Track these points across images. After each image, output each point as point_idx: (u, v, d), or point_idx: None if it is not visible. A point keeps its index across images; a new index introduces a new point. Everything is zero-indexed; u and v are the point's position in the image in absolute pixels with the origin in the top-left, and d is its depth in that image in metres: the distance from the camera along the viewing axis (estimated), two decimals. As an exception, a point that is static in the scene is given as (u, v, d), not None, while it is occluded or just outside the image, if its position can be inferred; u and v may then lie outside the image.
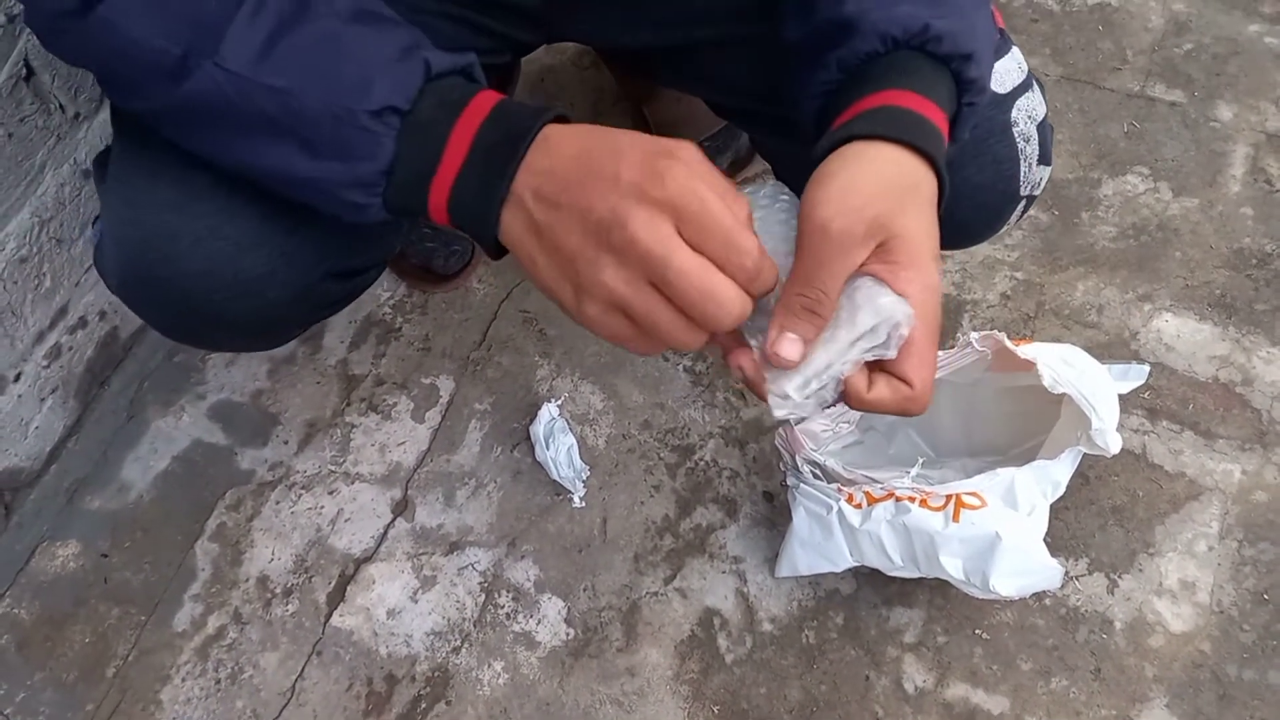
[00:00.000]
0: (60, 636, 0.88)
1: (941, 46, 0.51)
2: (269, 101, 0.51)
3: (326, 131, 0.50)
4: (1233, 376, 0.95)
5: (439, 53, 0.51)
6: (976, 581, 0.75)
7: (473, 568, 0.89)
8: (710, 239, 0.44)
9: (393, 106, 0.49)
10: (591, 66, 1.20)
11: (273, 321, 0.67)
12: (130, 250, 0.61)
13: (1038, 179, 0.68)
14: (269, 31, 0.50)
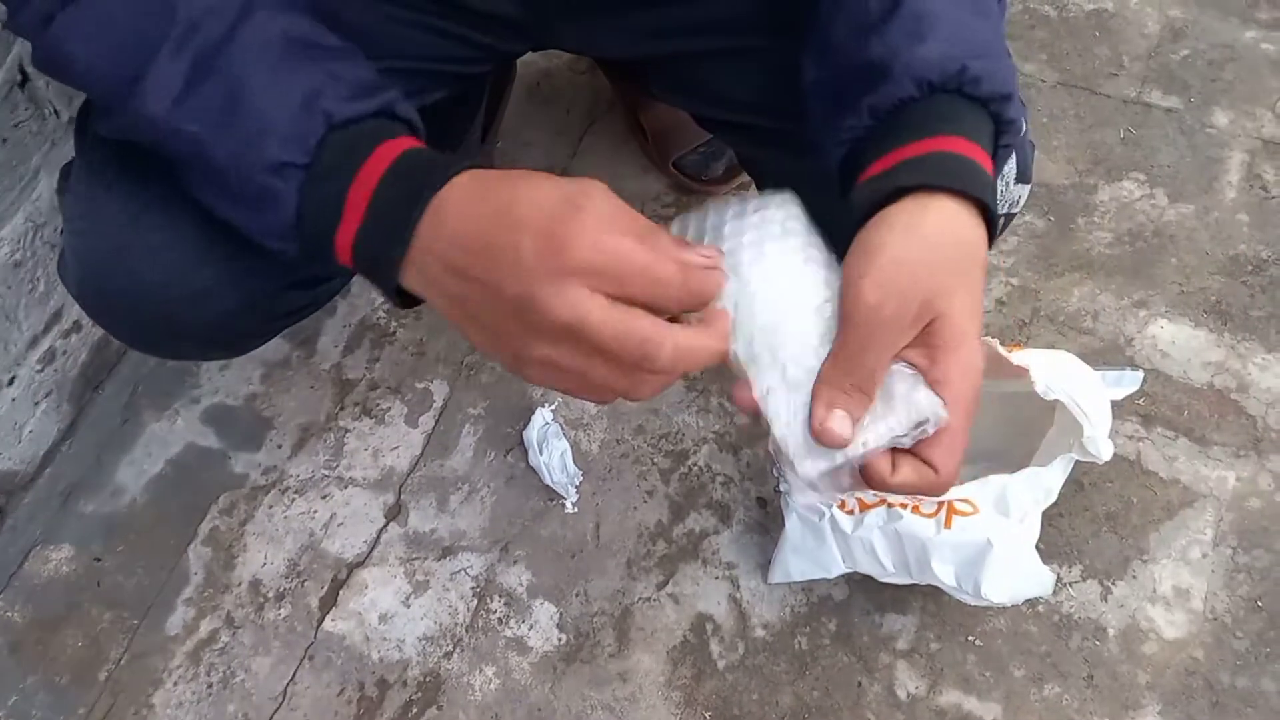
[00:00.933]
0: (53, 640, 0.88)
1: (980, 89, 0.49)
2: (184, 145, 0.51)
3: (233, 182, 0.50)
4: (1228, 383, 0.95)
5: (342, 101, 0.49)
6: (968, 588, 0.75)
7: (465, 572, 0.89)
8: (630, 285, 0.43)
9: (290, 162, 0.48)
10: (587, 71, 1.20)
11: (231, 331, 0.67)
12: (87, 262, 0.61)
13: (1015, 197, 0.66)
14: (186, 73, 0.49)
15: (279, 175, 0.48)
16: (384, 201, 0.47)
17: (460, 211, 0.45)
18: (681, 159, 1.08)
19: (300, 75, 0.50)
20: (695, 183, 1.09)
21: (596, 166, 1.13)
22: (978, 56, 0.49)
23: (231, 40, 0.50)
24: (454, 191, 0.45)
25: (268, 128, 0.48)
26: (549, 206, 0.43)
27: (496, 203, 0.44)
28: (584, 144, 1.15)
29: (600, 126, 1.17)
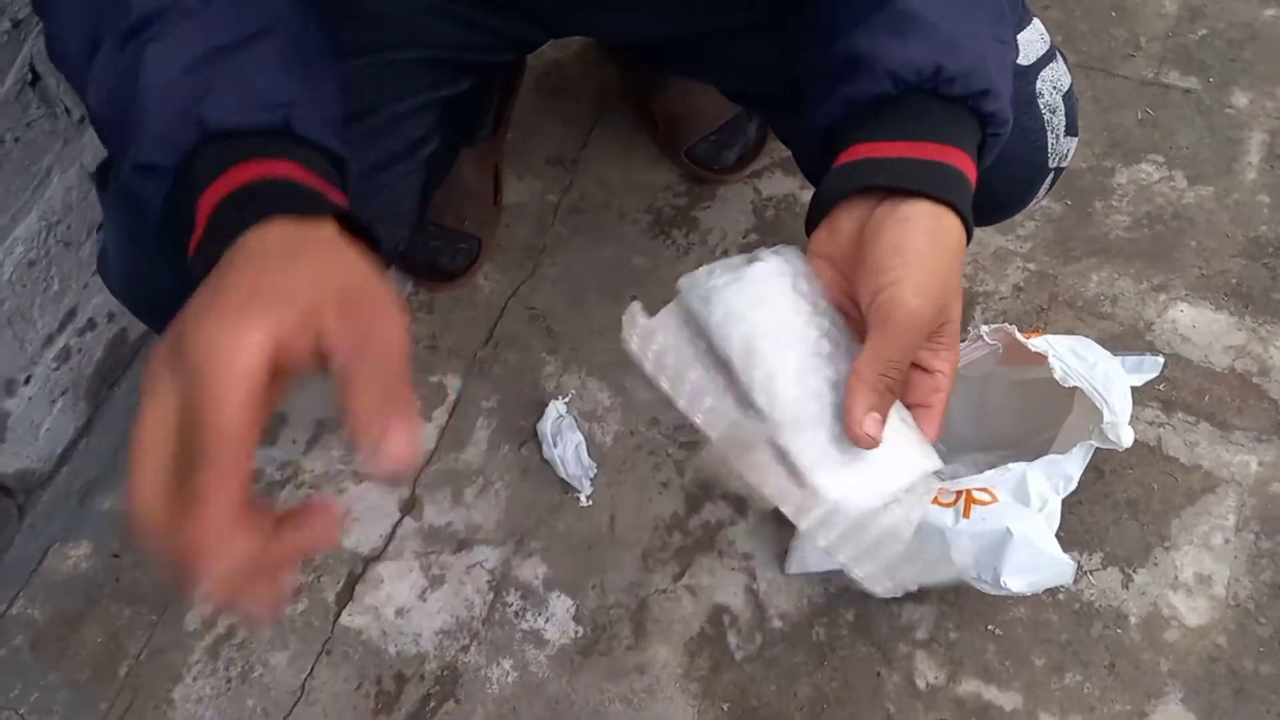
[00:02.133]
0: (73, 636, 0.88)
1: (954, 88, 0.50)
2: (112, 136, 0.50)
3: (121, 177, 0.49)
4: (1249, 367, 0.94)
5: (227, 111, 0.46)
6: (988, 578, 0.74)
7: (481, 566, 0.89)
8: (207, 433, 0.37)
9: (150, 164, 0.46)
10: (597, 61, 1.19)
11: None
12: (133, 261, 0.61)
13: (1065, 150, 0.67)
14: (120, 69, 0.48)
15: (141, 175, 0.47)
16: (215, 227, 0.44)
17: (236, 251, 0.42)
18: (693, 148, 1.08)
19: (203, 79, 0.47)
20: (707, 172, 1.08)
21: (607, 157, 1.13)
22: (955, 55, 0.50)
23: (170, 34, 0.48)
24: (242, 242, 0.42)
25: (146, 128, 0.46)
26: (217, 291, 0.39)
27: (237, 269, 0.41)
28: (594, 134, 1.15)
29: (611, 117, 1.16)
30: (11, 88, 0.81)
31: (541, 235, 1.08)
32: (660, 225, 1.07)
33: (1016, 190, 0.68)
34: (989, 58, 0.51)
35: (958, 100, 0.50)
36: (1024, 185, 0.67)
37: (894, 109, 0.50)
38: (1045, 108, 0.64)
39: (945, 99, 0.50)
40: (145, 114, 0.47)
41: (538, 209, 1.10)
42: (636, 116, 1.14)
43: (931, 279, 0.47)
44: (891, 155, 0.49)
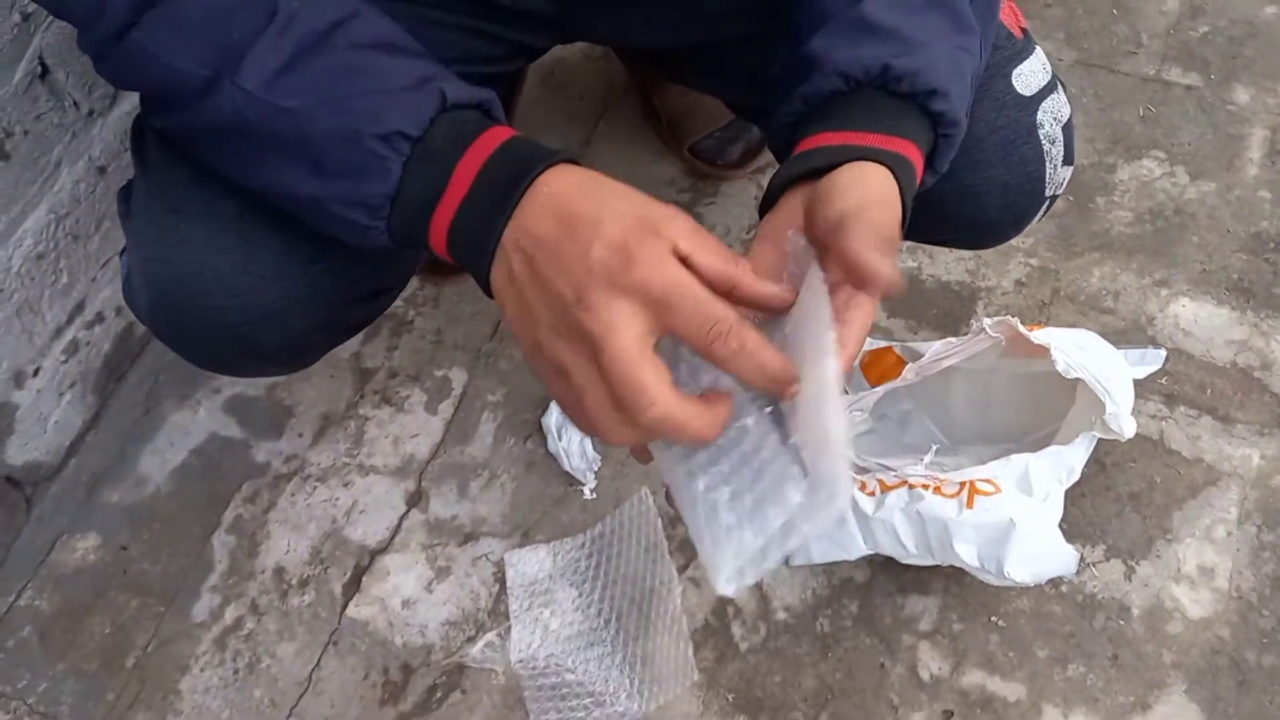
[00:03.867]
0: (81, 627, 0.89)
1: (901, 86, 0.51)
2: (281, 122, 0.51)
3: (335, 153, 0.51)
4: (1251, 361, 0.94)
5: (457, 85, 0.51)
6: (991, 568, 0.75)
7: (487, 558, 0.90)
8: (676, 318, 0.43)
9: (402, 132, 0.49)
10: (601, 58, 1.20)
11: (300, 348, 0.68)
12: (159, 287, 0.62)
13: (1061, 179, 0.68)
14: (289, 54, 0.51)
15: (389, 144, 0.49)
16: (489, 180, 0.48)
17: (554, 200, 0.46)
18: (697, 144, 1.08)
19: (407, 62, 0.52)
20: (711, 167, 1.09)
21: (611, 152, 1.13)
22: (905, 55, 0.51)
23: (337, 30, 0.52)
24: (555, 178, 0.47)
25: (383, 100, 0.50)
26: (630, 223, 0.44)
27: (588, 200, 0.45)
28: (599, 130, 1.15)
29: (615, 112, 1.16)
30: (21, 81, 0.81)
31: (546, 230, 1.08)
32: (664, 221, 1.07)
33: (1012, 218, 0.69)
34: (941, 60, 0.53)
35: (908, 98, 0.51)
36: (1019, 214, 0.69)
37: (845, 104, 0.52)
38: (1045, 138, 0.65)
39: (896, 96, 0.51)
40: (380, 84, 0.50)
41: (542, 204, 1.10)
42: (640, 113, 1.14)
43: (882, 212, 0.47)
44: (838, 143, 0.50)
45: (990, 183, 0.65)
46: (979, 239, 0.73)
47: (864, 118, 0.51)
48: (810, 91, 0.53)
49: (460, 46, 0.69)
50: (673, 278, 0.43)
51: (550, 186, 0.46)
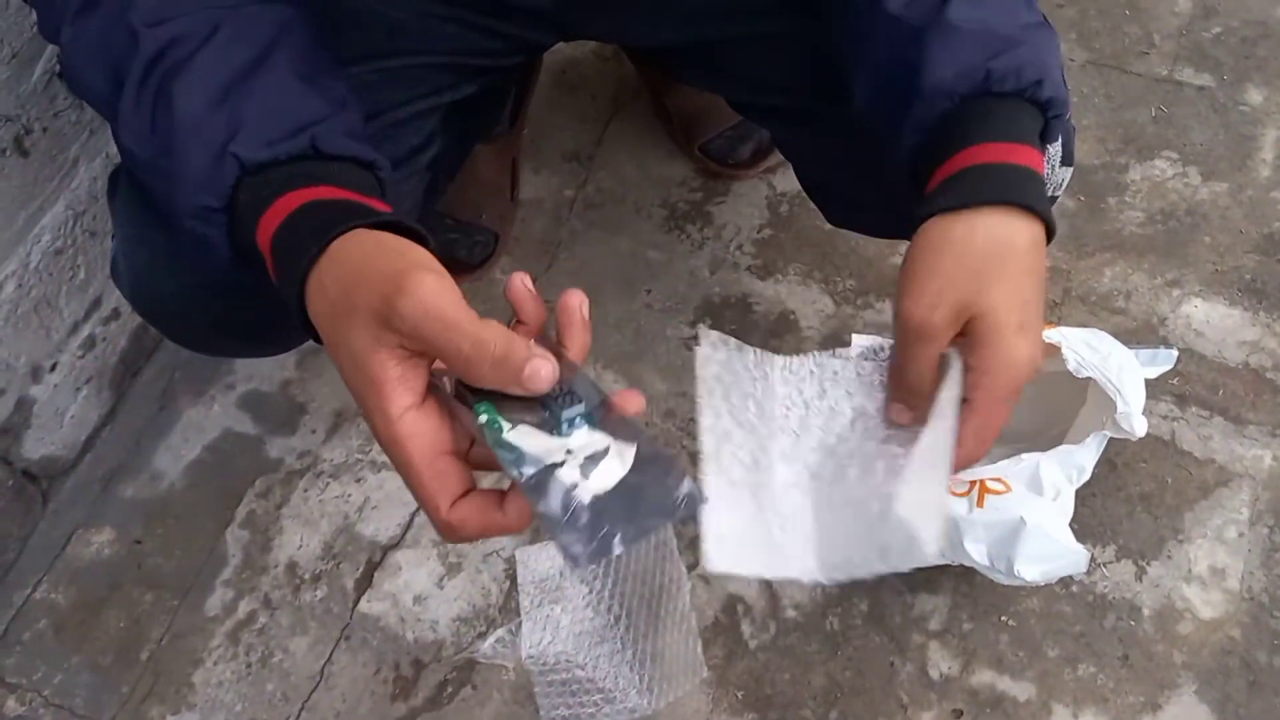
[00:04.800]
0: (95, 621, 0.90)
1: (1006, 85, 0.50)
2: (153, 179, 0.52)
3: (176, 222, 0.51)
4: (1263, 362, 0.94)
5: (259, 146, 0.49)
6: (1001, 567, 0.75)
7: (498, 555, 0.90)
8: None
9: (208, 206, 0.49)
10: (613, 58, 1.20)
11: (272, 328, 0.68)
12: (139, 265, 0.63)
13: (1060, 180, 0.68)
14: (150, 107, 0.51)
15: (201, 219, 0.50)
16: (281, 255, 0.47)
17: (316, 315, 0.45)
18: (708, 143, 1.08)
19: (229, 112, 0.50)
20: (722, 167, 1.09)
21: (622, 152, 1.14)
22: (998, 54, 0.50)
23: (188, 67, 0.51)
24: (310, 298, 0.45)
25: (190, 170, 0.50)
26: (359, 395, 0.42)
27: (328, 338, 0.44)
28: (610, 130, 1.16)
29: (626, 112, 1.17)
30: (40, 78, 0.82)
31: (557, 229, 1.09)
32: (675, 220, 1.08)
33: None
34: (1033, 45, 0.52)
35: (1013, 95, 0.51)
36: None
37: (958, 122, 0.51)
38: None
39: (1001, 96, 0.51)
40: (187, 156, 0.50)
41: (554, 204, 1.11)
42: (652, 112, 1.15)
43: (930, 279, 0.47)
44: (958, 169, 0.50)
45: None
46: None
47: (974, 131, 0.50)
48: (915, 122, 0.52)
49: (459, 40, 0.69)
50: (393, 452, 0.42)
51: (311, 306, 0.44)
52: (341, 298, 0.42)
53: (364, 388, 0.42)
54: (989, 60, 0.50)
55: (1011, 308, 0.47)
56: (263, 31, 0.53)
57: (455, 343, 0.40)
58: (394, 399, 0.41)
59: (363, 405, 0.42)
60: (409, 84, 0.69)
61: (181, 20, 0.51)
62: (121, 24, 0.51)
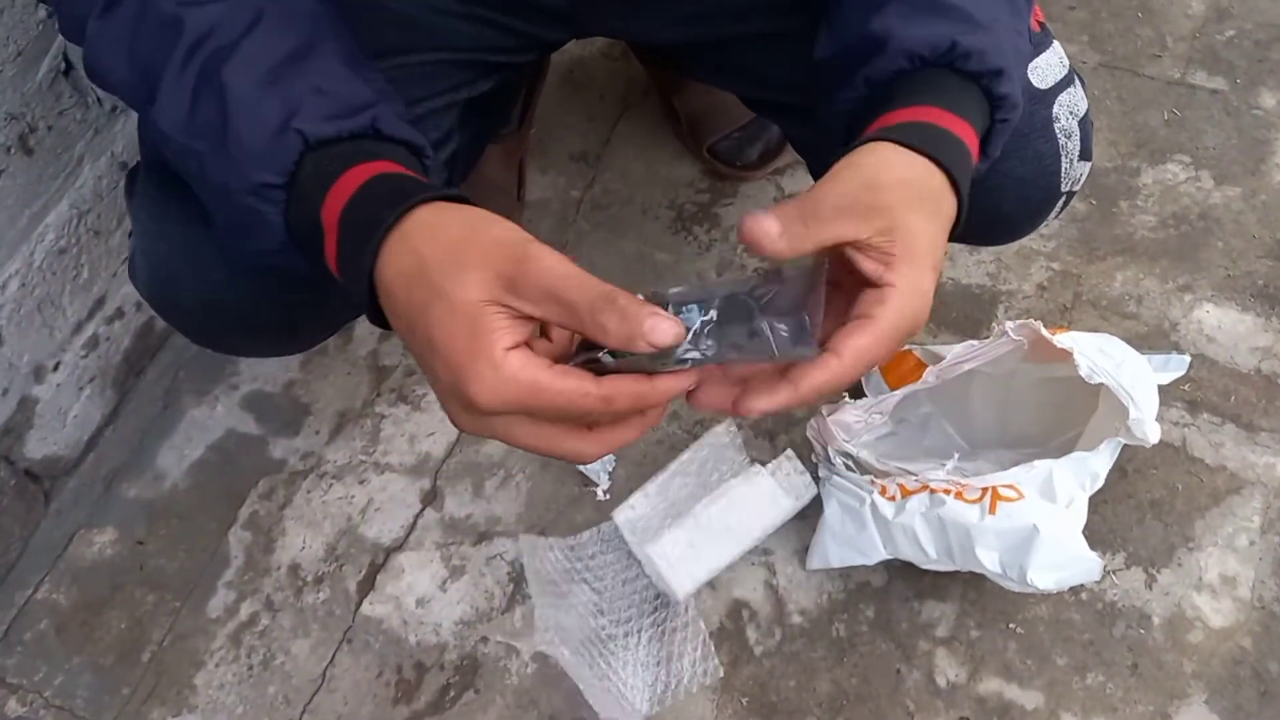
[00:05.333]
0: (97, 621, 0.89)
1: (969, 63, 0.50)
2: (193, 164, 0.51)
3: (225, 203, 0.51)
4: (1275, 368, 0.93)
5: (320, 121, 0.49)
6: (1014, 575, 0.74)
7: (501, 558, 0.89)
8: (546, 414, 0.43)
9: (268, 183, 0.49)
10: (621, 58, 1.19)
11: (297, 326, 0.68)
12: (157, 262, 0.62)
13: (1078, 175, 0.67)
14: (192, 88, 0.50)
15: (260, 197, 0.49)
16: (350, 227, 0.47)
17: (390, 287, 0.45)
18: (716, 144, 1.08)
19: (284, 92, 0.50)
20: (730, 168, 1.08)
21: (630, 152, 1.13)
22: (971, 33, 0.50)
23: (234, 52, 0.50)
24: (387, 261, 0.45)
25: (246, 148, 0.49)
26: (456, 334, 0.42)
27: (415, 300, 0.44)
28: (617, 130, 1.15)
29: (634, 112, 1.16)
30: (45, 76, 0.82)
31: (564, 231, 1.08)
32: (682, 221, 1.07)
33: (1027, 213, 0.68)
34: (1005, 41, 0.52)
35: (970, 77, 0.51)
36: (1035, 208, 0.68)
37: (909, 84, 0.51)
38: (1061, 132, 0.64)
39: (959, 74, 0.51)
40: (243, 134, 0.49)
41: (561, 204, 1.10)
42: (659, 113, 1.14)
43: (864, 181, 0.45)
44: (897, 121, 0.49)
45: (1004, 177, 0.63)
46: (993, 235, 0.72)
47: (924, 93, 0.50)
48: (873, 72, 0.52)
49: (471, 36, 0.69)
50: (513, 399, 0.41)
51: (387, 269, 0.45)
52: (448, 256, 0.42)
53: (469, 335, 0.41)
54: (959, 35, 0.50)
55: (933, 242, 0.46)
56: (303, 21, 0.53)
57: (587, 299, 0.41)
58: (500, 341, 0.41)
59: (462, 356, 0.41)
60: (426, 80, 0.69)
61: (219, 5, 0.51)
62: (154, 11, 0.51)
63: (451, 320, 0.42)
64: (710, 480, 0.86)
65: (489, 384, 0.41)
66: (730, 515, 0.82)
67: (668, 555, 0.80)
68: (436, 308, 0.42)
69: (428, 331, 0.43)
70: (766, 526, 0.83)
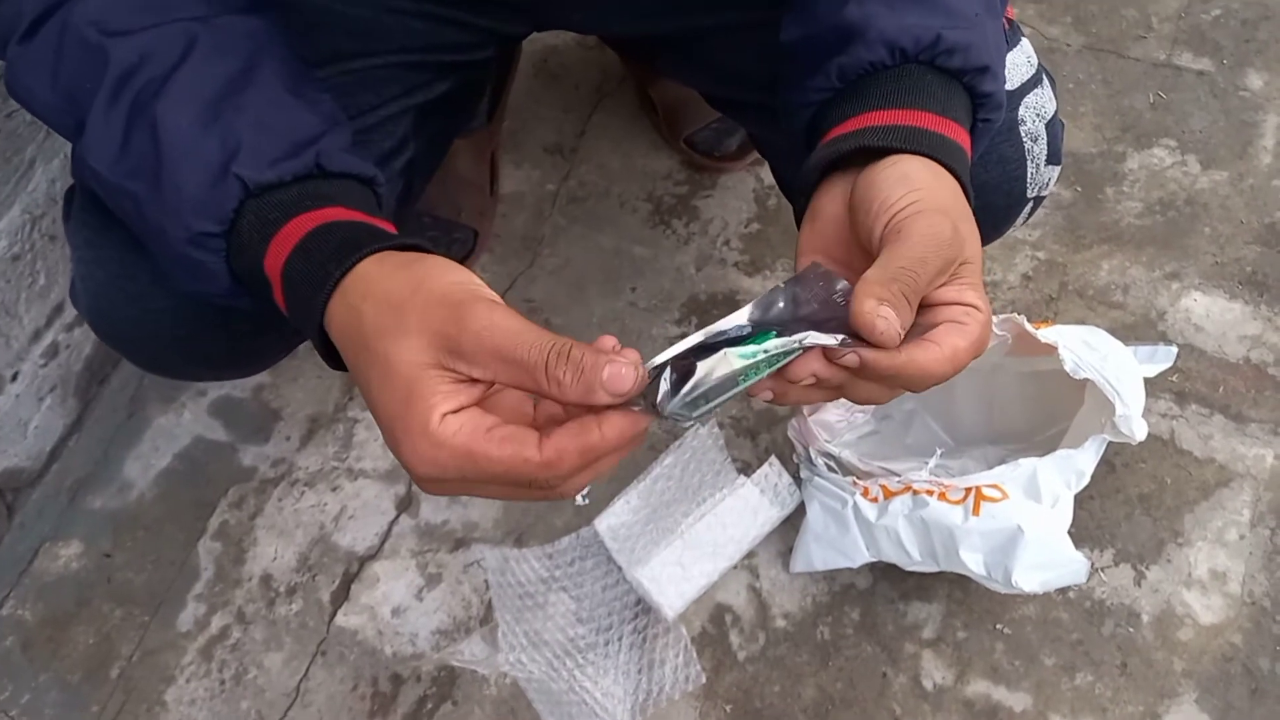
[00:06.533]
0: (64, 637, 0.87)
1: (953, 60, 0.47)
2: (127, 204, 0.49)
3: (167, 248, 0.48)
4: (1264, 357, 0.91)
5: (262, 166, 0.47)
6: (998, 576, 0.73)
7: (478, 565, 0.87)
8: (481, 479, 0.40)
9: (207, 232, 0.47)
10: (596, 47, 1.17)
11: (242, 351, 0.65)
12: (97, 289, 0.60)
13: (1046, 179, 0.65)
14: (122, 127, 0.48)
15: (198, 245, 0.47)
16: (294, 282, 0.45)
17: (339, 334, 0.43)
18: (693, 135, 1.05)
19: (222, 131, 0.48)
20: (707, 159, 1.06)
21: (607, 144, 1.10)
22: (954, 27, 0.48)
23: (167, 85, 0.48)
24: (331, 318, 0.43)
25: (184, 194, 0.47)
26: (391, 408, 0.40)
27: (355, 362, 0.42)
28: (593, 121, 1.12)
29: (610, 103, 1.13)
30: (-9, 77, 0.78)
31: (539, 225, 1.06)
32: (660, 214, 1.05)
33: (992, 219, 0.65)
34: (990, 36, 0.50)
35: (954, 75, 0.48)
36: (1000, 214, 0.65)
37: (889, 80, 0.48)
38: (1027, 135, 0.62)
39: (942, 72, 0.48)
40: (180, 180, 0.47)
41: (535, 198, 1.08)
42: (636, 103, 1.12)
43: (943, 201, 0.43)
44: (886, 123, 0.46)
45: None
46: None
47: (910, 94, 0.47)
48: (849, 63, 0.48)
49: (424, 35, 0.66)
50: (447, 464, 0.39)
51: (332, 326, 0.43)
52: (388, 316, 0.40)
53: (404, 404, 0.39)
54: (943, 28, 0.47)
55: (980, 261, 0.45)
56: (241, 44, 0.51)
57: (537, 356, 0.38)
58: (438, 407, 0.39)
59: (397, 426, 0.40)
60: (378, 85, 0.66)
61: (149, 33, 0.49)
62: (77, 37, 0.48)
63: (388, 386, 0.40)
64: (692, 483, 0.84)
65: (422, 453, 0.39)
66: (718, 531, 0.81)
67: (658, 578, 0.79)
68: (374, 373, 0.41)
69: (368, 395, 0.41)
70: (754, 538, 0.83)
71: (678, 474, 0.84)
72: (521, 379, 0.39)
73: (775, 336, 0.41)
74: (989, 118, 0.50)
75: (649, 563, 0.79)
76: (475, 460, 0.39)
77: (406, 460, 0.40)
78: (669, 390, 0.39)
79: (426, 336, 0.39)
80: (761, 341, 0.40)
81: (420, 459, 0.39)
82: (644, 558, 0.80)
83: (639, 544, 0.81)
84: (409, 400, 0.39)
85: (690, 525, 0.81)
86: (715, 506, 0.82)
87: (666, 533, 0.81)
